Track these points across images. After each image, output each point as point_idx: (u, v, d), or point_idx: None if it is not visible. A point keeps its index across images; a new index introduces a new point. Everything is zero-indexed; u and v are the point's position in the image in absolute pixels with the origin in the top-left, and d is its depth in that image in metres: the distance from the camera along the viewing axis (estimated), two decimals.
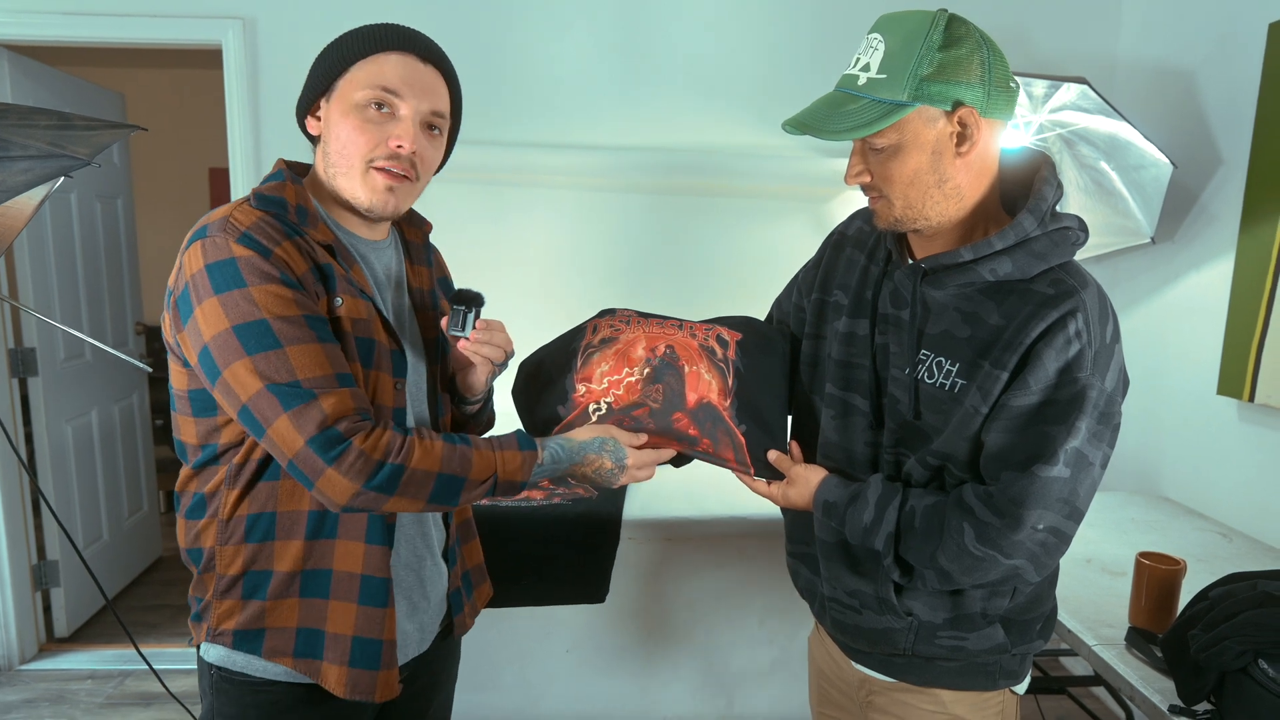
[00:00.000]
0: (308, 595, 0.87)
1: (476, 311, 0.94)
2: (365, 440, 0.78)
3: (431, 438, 0.83)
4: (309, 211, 0.87)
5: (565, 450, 0.90)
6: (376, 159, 0.85)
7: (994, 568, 0.82)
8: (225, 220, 0.81)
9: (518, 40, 2.22)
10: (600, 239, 2.31)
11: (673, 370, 0.98)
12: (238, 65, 2.19)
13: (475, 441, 0.85)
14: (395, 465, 0.79)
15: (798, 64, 2.25)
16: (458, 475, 0.82)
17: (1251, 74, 1.77)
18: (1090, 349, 0.79)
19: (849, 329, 0.95)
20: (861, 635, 0.96)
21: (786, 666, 1.64)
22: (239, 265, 0.78)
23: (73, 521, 2.52)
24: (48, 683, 2.27)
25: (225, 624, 0.87)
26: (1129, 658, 1.18)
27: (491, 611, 1.55)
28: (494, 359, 0.97)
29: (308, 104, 0.90)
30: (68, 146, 1.49)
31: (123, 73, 4.01)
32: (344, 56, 0.87)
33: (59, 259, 2.47)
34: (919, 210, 0.84)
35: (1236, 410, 1.81)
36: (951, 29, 0.79)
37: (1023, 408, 0.80)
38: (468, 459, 0.83)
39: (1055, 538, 0.82)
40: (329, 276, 0.84)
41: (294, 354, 0.78)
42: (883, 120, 0.79)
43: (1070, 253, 0.84)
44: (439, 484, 0.82)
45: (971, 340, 0.84)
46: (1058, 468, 0.79)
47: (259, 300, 0.78)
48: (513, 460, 0.86)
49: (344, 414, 0.79)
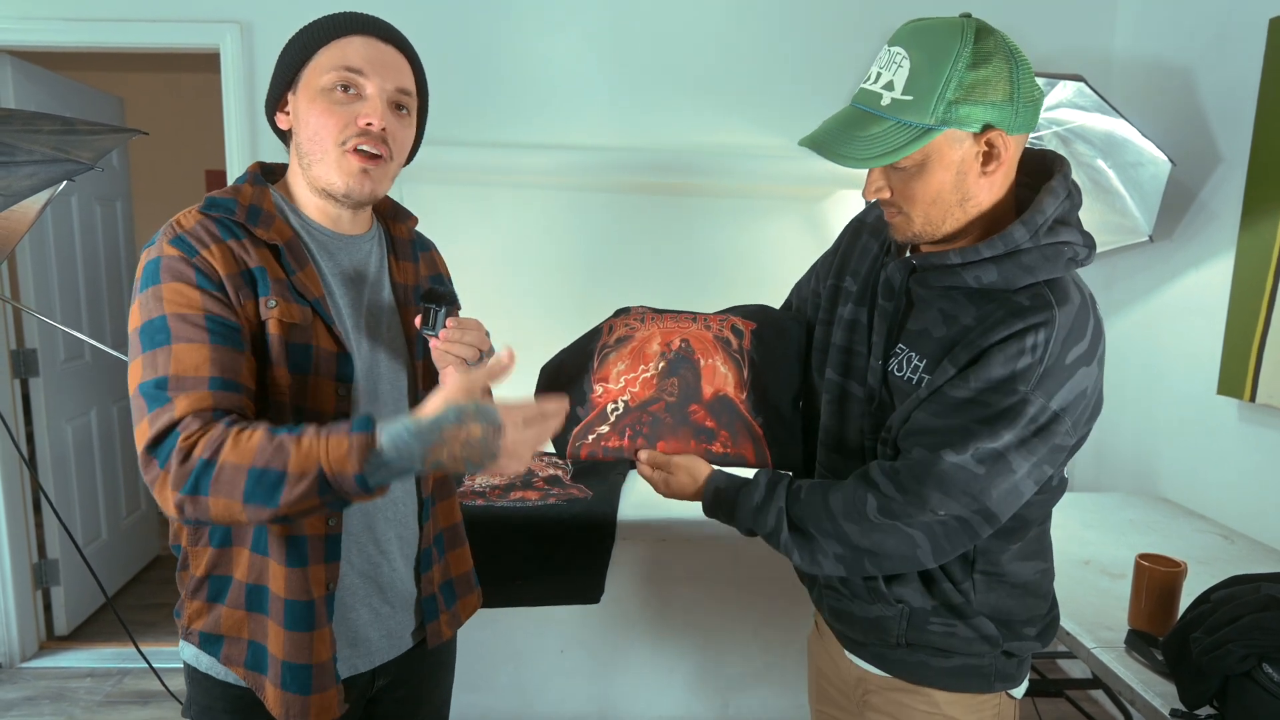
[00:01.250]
0: (253, 610, 0.87)
1: (447, 310, 0.89)
2: (188, 439, 0.72)
3: (254, 429, 0.73)
4: (262, 211, 0.87)
5: (412, 433, 0.72)
6: (348, 139, 0.85)
7: (891, 535, 0.83)
8: (171, 223, 0.84)
9: (508, 41, 2.22)
10: (592, 240, 2.30)
11: (688, 364, 0.98)
12: (235, 69, 2.20)
13: (305, 432, 0.73)
14: (204, 461, 0.71)
15: (790, 63, 2.25)
16: (272, 468, 0.71)
17: (1251, 70, 1.76)
18: (1041, 365, 0.78)
19: (853, 316, 0.95)
20: (855, 624, 0.96)
21: (783, 668, 1.63)
22: (161, 264, 0.80)
23: (72, 520, 2.53)
24: (48, 680, 2.27)
25: (194, 624, 0.89)
26: (1129, 661, 1.17)
27: (486, 612, 1.55)
28: (467, 358, 0.90)
29: (275, 100, 0.91)
30: (71, 151, 1.50)
31: (121, 77, 4.03)
32: (305, 46, 0.87)
33: (60, 261, 2.48)
34: (938, 226, 0.83)
35: (1237, 410, 1.80)
36: (980, 44, 0.75)
37: (953, 398, 0.80)
38: (284, 450, 0.71)
39: (958, 524, 0.81)
40: (260, 280, 0.84)
41: (178, 350, 0.78)
42: (909, 147, 0.76)
43: (1063, 269, 0.81)
44: (251, 481, 0.71)
45: (943, 340, 0.84)
46: (965, 458, 0.79)
47: (165, 297, 0.79)
48: (339, 446, 0.71)
49: (191, 417, 0.73)
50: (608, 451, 0.98)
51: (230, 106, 2.23)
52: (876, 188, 0.84)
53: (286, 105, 0.90)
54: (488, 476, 1.71)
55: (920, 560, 0.84)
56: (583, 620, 1.58)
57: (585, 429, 0.99)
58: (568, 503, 1.56)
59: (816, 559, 0.88)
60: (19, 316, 2.51)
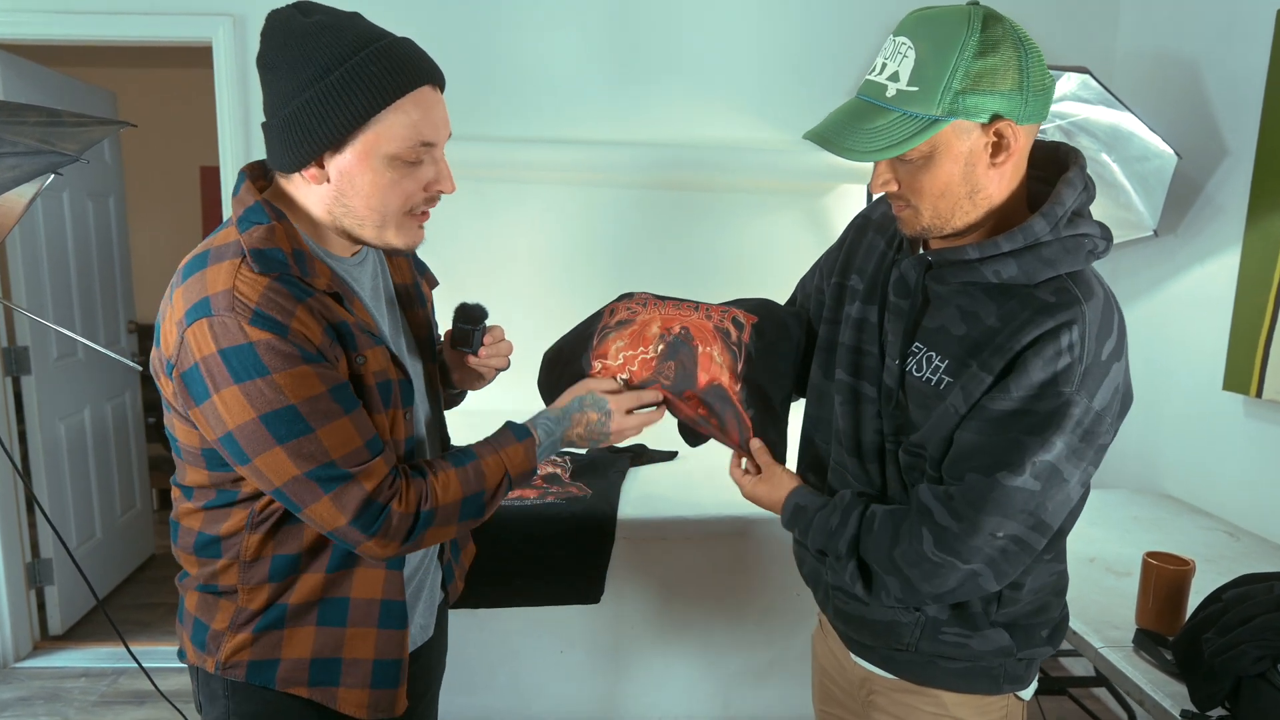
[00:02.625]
0: (324, 624, 0.87)
1: (484, 327, 0.98)
2: (401, 503, 0.81)
3: (443, 469, 0.86)
4: (305, 254, 0.80)
5: (553, 421, 0.94)
6: (416, 207, 0.82)
7: (952, 573, 0.81)
8: (231, 297, 0.74)
9: (508, 34, 2.19)
10: (592, 235, 2.28)
11: (686, 349, 0.98)
12: (228, 63, 2.17)
13: (479, 451, 0.89)
14: (428, 512, 0.83)
15: (791, 57, 2.22)
16: (476, 492, 0.86)
17: (1258, 61, 1.74)
18: (1081, 364, 0.76)
19: (861, 314, 0.93)
20: (865, 627, 0.94)
21: (784, 667, 1.61)
22: (258, 351, 0.74)
23: (66, 519, 2.51)
24: (42, 680, 2.25)
25: (238, 655, 0.86)
26: (1137, 660, 1.16)
27: (484, 612, 1.53)
28: (501, 367, 1.02)
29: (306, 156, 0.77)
30: (57, 143, 1.47)
31: (114, 72, 4.00)
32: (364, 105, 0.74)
33: (51, 257, 2.45)
34: (947, 220, 0.81)
35: (1243, 406, 1.78)
36: (988, 32, 0.73)
37: (998, 412, 0.78)
38: (480, 473, 0.87)
39: (1017, 546, 0.80)
40: (345, 334, 0.81)
41: (325, 435, 0.77)
42: (915, 139, 0.74)
43: (1084, 262, 0.80)
44: (465, 507, 0.86)
45: (964, 339, 0.81)
46: (1023, 478, 0.77)
47: (284, 386, 0.75)
48: (516, 454, 0.89)
49: (380, 484, 0.80)
50: None
51: (223, 102, 2.20)
52: (883, 180, 0.82)
53: (324, 161, 0.78)
54: None
55: (984, 588, 0.83)
56: (582, 620, 1.57)
57: None
58: (566, 501, 1.54)
59: (878, 594, 0.88)
60: (10, 314, 2.48)
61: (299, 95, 0.75)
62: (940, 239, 0.86)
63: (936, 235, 0.84)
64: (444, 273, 1.22)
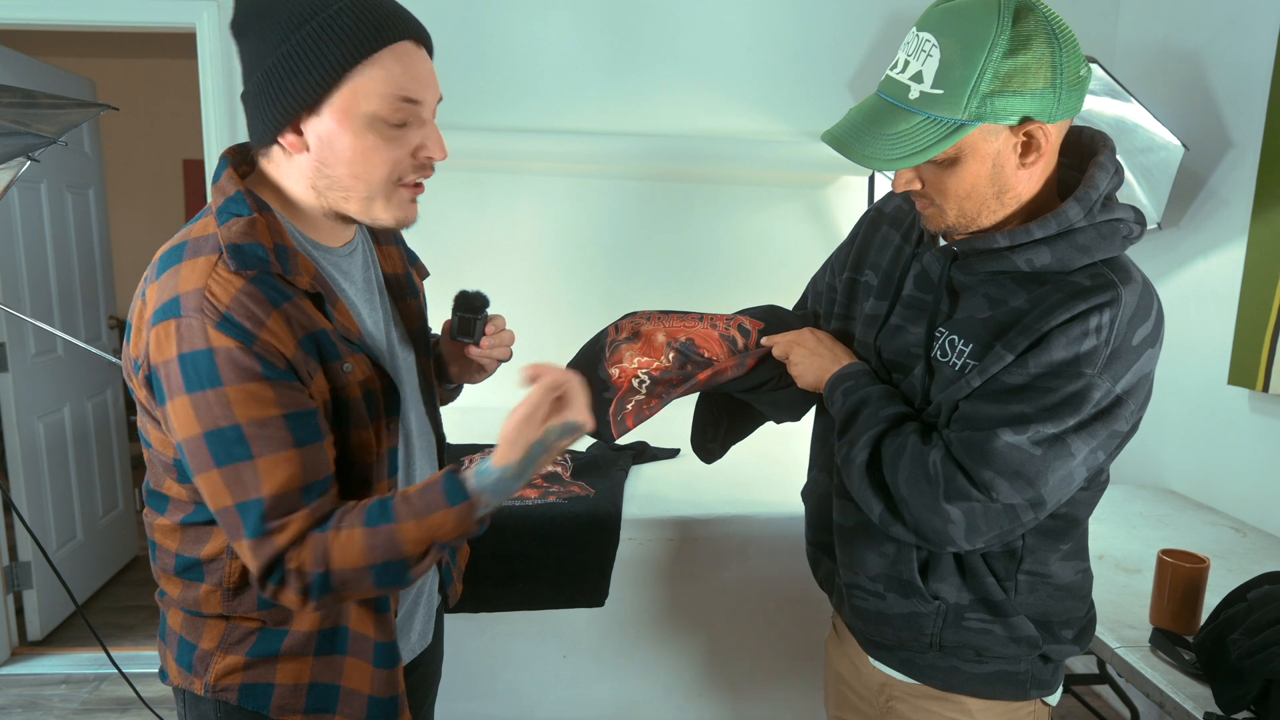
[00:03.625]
0: (323, 654, 0.82)
1: (485, 316, 0.92)
2: (296, 557, 0.72)
3: (349, 527, 0.72)
4: (289, 249, 0.74)
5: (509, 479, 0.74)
6: (405, 175, 0.75)
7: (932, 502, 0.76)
8: (201, 298, 0.68)
9: (500, 20, 2.14)
10: (588, 227, 2.24)
11: (695, 354, 0.98)
12: (212, 49, 2.10)
13: (399, 512, 0.73)
14: (320, 575, 0.72)
15: (791, 46, 2.19)
16: (391, 560, 0.72)
17: (1263, 53, 1.72)
18: (1107, 347, 0.73)
19: (874, 311, 0.90)
20: (885, 623, 0.90)
21: (794, 671, 1.58)
22: (215, 360, 0.68)
23: (45, 521, 2.43)
24: (20, 688, 2.18)
25: (230, 679, 0.80)
26: (1155, 661, 1.13)
27: (485, 616, 1.49)
28: (503, 358, 0.95)
29: (281, 121, 0.72)
30: (32, 125, 1.41)
31: (96, 62, 3.90)
32: (339, 58, 0.69)
33: (29, 251, 2.37)
34: (973, 219, 0.78)
35: (1248, 401, 1.77)
36: (1019, 27, 0.68)
37: (1010, 383, 0.75)
38: (393, 542, 0.72)
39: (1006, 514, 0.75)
40: (324, 344, 0.74)
41: (265, 466, 0.70)
42: (938, 145, 0.71)
43: (1120, 247, 0.77)
44: (376, 575, 0.72)
45: (989, 321, 0.78)
46: (1024, 439, 0.73)
47: (234, 401, 0.69)
48: (445, 521, 0.72)
49: (293, 541, 0.72)
50: (654, 409, 0.97)
51: (208, 90, 2.13)
52: (906, 180, 0.78)
53: (300, 125, 0.72)
54: None
55: (952, 538, 0.77)
56: (586, 624, 1.53)
57: (620, 404, 0.96)
58: (569, 501, 1.50)
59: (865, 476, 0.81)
60: None
61: (272, 54, 0.70)
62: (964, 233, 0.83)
63: (962, 233, 0.81)
64: (437, 264, 1.17)
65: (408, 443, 0.89)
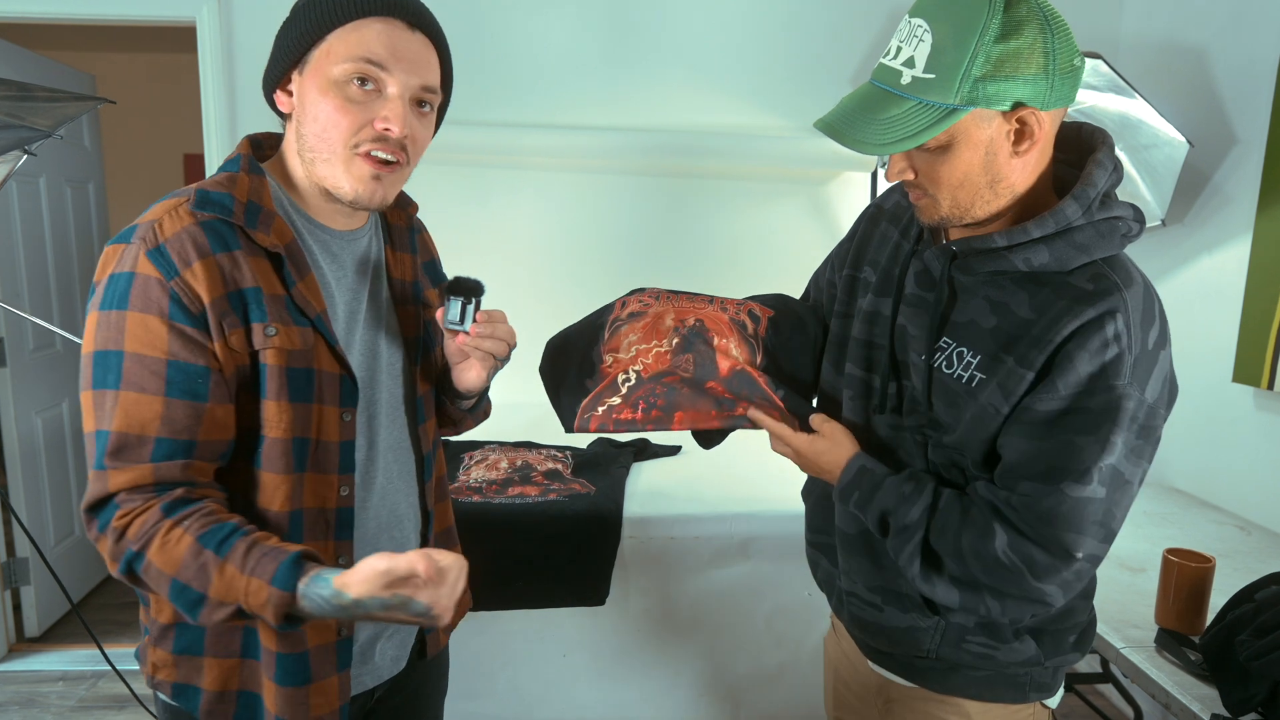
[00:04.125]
0: (249, 656, 0.78)
1: (476, 302, 0.84)
2: (123, 519, 0.70)
3: (185, 527, 0.69)
4: (262, 209, 0.76)
5: (334, 604, 0.67)
6: (361, 143, 0.75)
7: (1019, 583, 0.75)
8: (151, 225, 0.72)
9: (504, 15, 2.13)
10: (590, 222, 2.23)
11: (701, 340, 0.94)
12: (212, 43, 2.09)
13: (233, 554, 0.68)
14: (134, 552, 0.69)
15: (793, 40, 2.18)
16: (193, 587, 0.68)
17: (1268, 49, 1.71)
18: (1130, 354, 0.71)
19: (873, 307, 0.89)
20: (882, 634, 0.90)
21: (795, 670, 1.57)
22: (131, 284, 0.70)
23: (43, 516, 2.42)
24: (17, 685, 2.17)
25: (161, 674, 0.80)
26: (1161, 661, 1.12)
27: (484, 616, 1.48)
28: (497, 354, 0.86)
29: (277, 76, 0.79)
30: (27, 118, 1.40)
31: (96, 56, 3.89)
32: (319, 21, 0.75)
33: (27, 245, 2.37)
34: (966, 209, 0.77)
35: (1253, 398, 1.76)
36: (1011, 12, 0.68)
37: (1047, 413, 0.73)
38: (207, 573, 0.68)
39: (1090, 564, 0.76)
40: (254, 302, 0.73)
41: (127, 401, 0.69)
42: (930, 130, 0.70)
43: (1119, 246, 0.76)
44: (173, 590, 0.69)
45: (996, 331, 0.77)
46: (1091, 487, 0.72)
47: (129, 329, 0.70)
48: (258, 595, 0.67)
49: (127, 488, 0.70)
50: (619, 424, 0.93)
51: (208, 84, 2.12)
52: (899, 169, 0.77)
53: (290, 84, 0.78)
54: (484, 471, 1.63)
55: (1048, 606, 0.78)
56: (586, 622, 1.52)
57: (595, 400, 0.93)
58: (569, 498, 1.49)
59: (932, 578, 0.80)
60: None
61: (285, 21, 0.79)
62: (961, 228, 0.82)
63: (956, 225, 0.80)
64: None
65: (371, 447, 0.85)
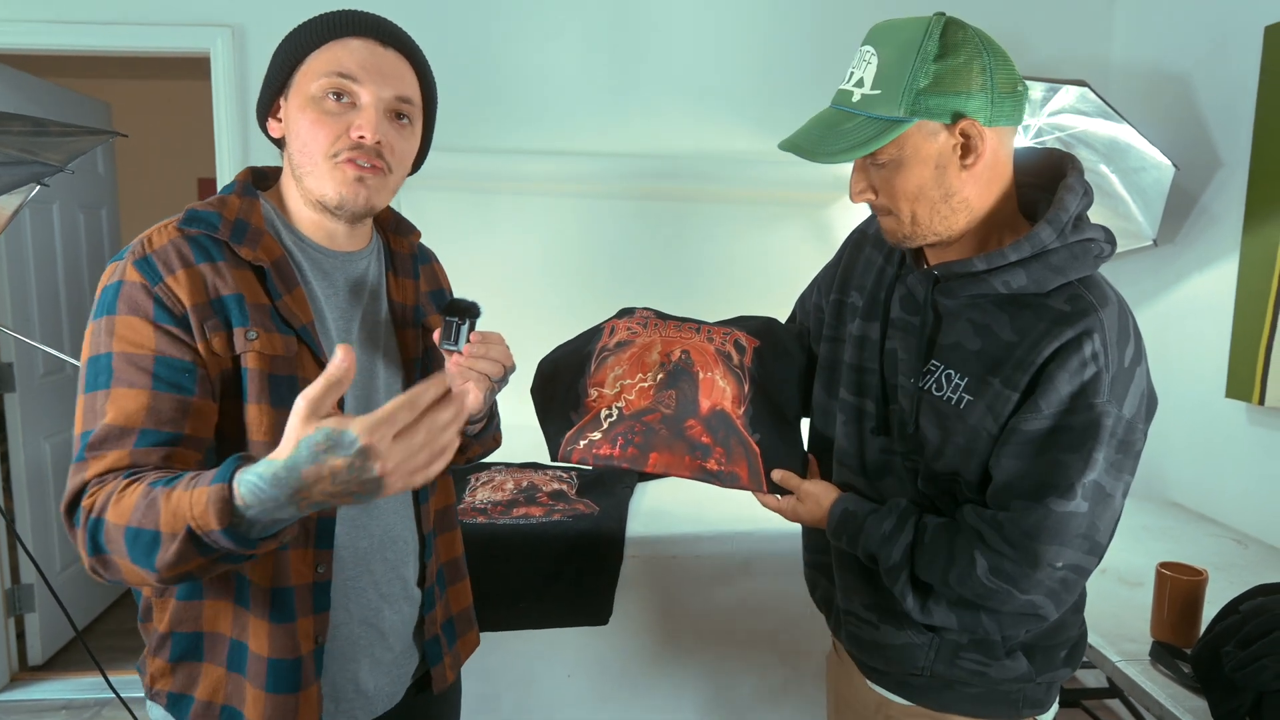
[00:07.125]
0: (234, 669, 0.79)
1: (471, 323, 0.85)
2: (92, 496, 0.68)
3: (137, 482, 0.67)
4: (249, 227, 0.80)
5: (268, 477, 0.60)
6: (340, 152, 0.79)
7: (1009, 600, 0.80)
8: (142, 241, 0.77)
9: (508, 44, 2.19)
10: (593, 247, 2.27)
11: (687, 375, 0.96)
12: (226, 74, 2.15)
13: (179, 482, 0.65)
14: (95, 521, 0.67)
15: (794, 67, 2.23)
16: (145, 528, 0.64)
17: (1248, 75, 1.77)
18: (1107, 373, 0.75)
19: (862, 332, 0.92)
20: (878, 652, 0.92)
21: (799, 688, 1.58)
22: (119, 292, 0.74)
23: (50, 542, 2.43)
24: (20, 715, 2.17)
25: (159, 684, 0.82)
26: (1155, 674, 1.14)
27: (488, 636, 1.48)
28: (491, 374, 0.85)
29: (267, 105, 0.84)
30: (40, 153, 1.45)
31: (111, 84, 3.97)
32: (298, 48, 0.81)
33: (39, 270, 2.40)
34: (927, 225, 0.81)
35: (1246, 413, 1.79)
36: (948, 36, 0.75)
37: (1033, 432, 0.77)
38: (155, 508, 0.64)
39: (1075, 574, 0.79)
40: (235, 308, 0.76)
41: (116, 396, 0.72)
42: (878, 139, 0.76)
43: (1092, 266, 0.80)
44: (129, 540, 0.65)
45: (981, 355, 0.80)
46: (1075, 502, 0.76)
47: (117, 331, 0.74)
48: (199, 501, 0.62)
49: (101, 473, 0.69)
50: (598, 459, 0.95)
51: (221, 113, 2.18)
52: (859, 189, 0.83)
53: (279, 111, 0.84)
54: (489, 492, 1.65)
55: (1043, 618, 0.82)
56: (590, 642, 1.52)
57: (578, 433, 0.96)
58: (573, 519, 1.51)
59: (928, 606, 0.85)
60: None
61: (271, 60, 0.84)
62: (932, 249, 0.86)
63: (921, 243, 0.84)
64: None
65: None
